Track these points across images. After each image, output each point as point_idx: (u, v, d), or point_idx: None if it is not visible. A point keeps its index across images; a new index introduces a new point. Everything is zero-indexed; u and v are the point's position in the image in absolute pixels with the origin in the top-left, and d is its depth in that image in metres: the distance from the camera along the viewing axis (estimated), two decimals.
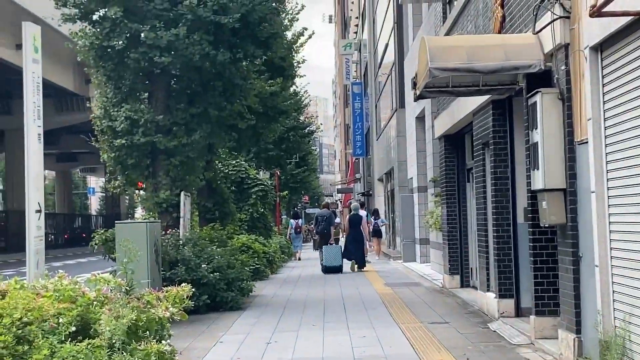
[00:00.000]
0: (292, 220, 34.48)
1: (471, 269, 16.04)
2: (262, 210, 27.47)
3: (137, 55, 14.17)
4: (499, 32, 10.28)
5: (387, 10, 32.72)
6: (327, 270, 22.51)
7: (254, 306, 14.69)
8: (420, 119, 24.61)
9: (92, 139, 15.56)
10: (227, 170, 26.47)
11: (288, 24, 20.21)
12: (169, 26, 14.02)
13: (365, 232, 24.27)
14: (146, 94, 15.56)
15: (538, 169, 8.17)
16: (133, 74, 14.73)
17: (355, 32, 61.04)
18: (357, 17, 60.00)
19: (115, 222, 12.88)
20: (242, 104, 16.02)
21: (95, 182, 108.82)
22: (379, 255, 30.76)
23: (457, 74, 8.40)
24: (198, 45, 14.04)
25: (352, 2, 65.30)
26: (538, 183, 8.24)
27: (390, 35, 31.78)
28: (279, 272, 24.10)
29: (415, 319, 11.95)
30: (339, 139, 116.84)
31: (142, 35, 14.05)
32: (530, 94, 8.38)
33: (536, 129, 8.15)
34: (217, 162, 21.22)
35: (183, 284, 7.84)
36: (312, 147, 49.71)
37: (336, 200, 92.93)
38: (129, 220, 14.89)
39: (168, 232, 14.58)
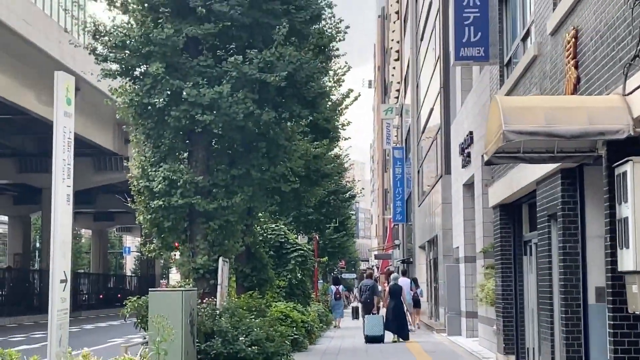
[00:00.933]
0: (332, 287, 33.48)
1: (528, 349, 14.90)
2: (301, 276, 26.50)
3: (178, 113, 13.49)
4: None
5: (432, 74, 32.05)
6: (369, 339, 22.16)
7: None
8: (468, 186, 23.62)
9: (129, 199, 14.80)
10: (266, 234, 25.62)
11: (334, 85, 19.50)
12: (212, 83, 13.36)
13: (405, 303, 23.92)
14: (186, 154, 14.84)
15: (627, 247, 7.18)
16: (173, 133, 14.05)
17: (396, 97, 60.54)
18: (398, 82, 59.54)
19: (149, 290, 12.02)
20: (285, 166, 15.22)
21: (131, 242, 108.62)
22: (417, 325, 29.55)
23: (534, 139, 7.48)
24: (242, 103, 13.34)
25: (394, 68, 64.98)
26: (627, 264, 7.24)
27: (435, 100, 31.04)
28: (318, 343, 23.02)
29: None
30: (375, 203, 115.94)
31: (184, 92, 13.40)
32: (618, 163, 7.43)
33: (625, 202, 7.18)
34: (256, 226, 20.36)
35: None
36: (351, 212, 48.80)
37: (373, 266, 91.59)
38: (164, 289, 14.04)
39: (204, 300, 13.69)
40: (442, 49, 28.36)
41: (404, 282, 29.87)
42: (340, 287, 34.32)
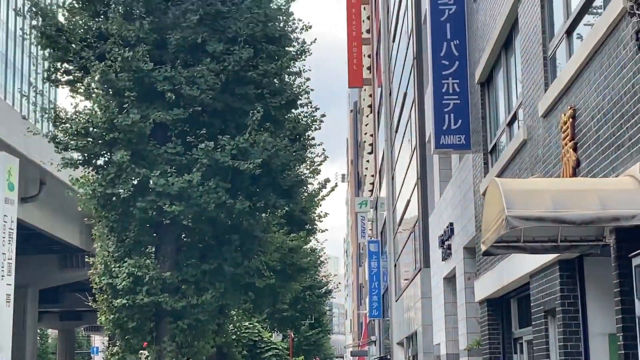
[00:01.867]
0: None
1: None
2: None
3: (144, 204, 12.62)
4: None
5: (408, 166, 31.47)
6: None
7: None
8: (449, 279, 22.71)
9: (90, 298, 13.76)
10: (239, 333, 24.48)
11: (310, 174, 18.75)
12: (182, 172, 12.56)
13: None
14: (153, 248, 13.87)
15: None
16: (139, 225, 13.14)
17: (371, 190, 60.04)
18: (372, 175, 59.10)
19: None
20: (260, 260, 14.29)
21: (100, 341, 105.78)
22: None
23: (540, 225, 6.66)
24: (213, 193, 12.51)
25: (367, 161, 64.68)
26: None
27: (412, 191, 30.36)
28: None
29: None
30: (350, 298, 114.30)
31: (151, 181, 12.57)
32: (635, 253, 6.62)
33: None
34: (229, 324, 19.28)
35: None
36: (327, 308, 47.58)
37: None
38: None
39: None
40: (418, 139, 27.82)
41: None
42: None
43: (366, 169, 66.78)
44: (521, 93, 11.66)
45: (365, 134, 65.49)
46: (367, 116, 62.09)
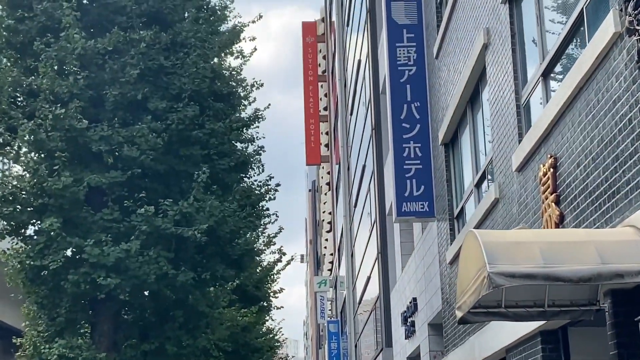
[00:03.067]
0: None
1: None
2: None
3: (76, 276, 11.32)
4: None
5: (368, 241, 30.42)
6: None
7: None
8: (414, 358, 21.45)
9: None
10: None
11: (264, 247, 17.59)
12: (119, 241, 11.29)
13: None
14: (88, 327, 12.52)
15: None
16: (71, 301, 11.83)
17: (330, 270, 58.81)
18: (331, 254, 57.92)
19: None
20: (208, 339, 12.97)
21: None
22: None
23: (529, 283, 5.57)
24: (154, 263, 11.29)
25: (326, 240, 63.59)
26: None
27: (373, 267, 29.24)
28: None
29: None
30: None
31: (85, 252, 11.25)
32: None
33: None
34: None
35: None
36: None
37: None
38: None
39: None
40: (378, 212, 26.86)
41: None
42: None
43: (325, 247, 65.58)
44: (491, 149, 10.71)
45: (324, 212, 64.56)
46: (325, 194, 61.25)
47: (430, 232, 16.72)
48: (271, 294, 18.51)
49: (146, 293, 12.07)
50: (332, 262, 58.14)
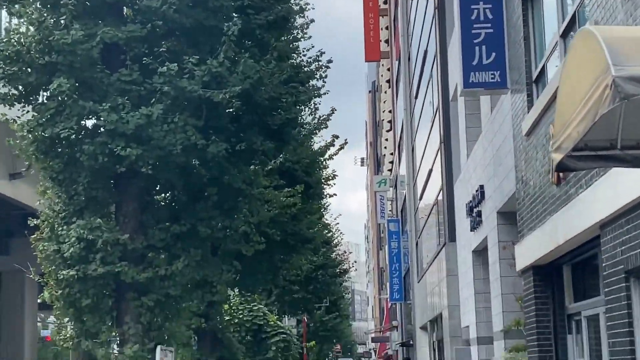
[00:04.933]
0: None
1: None
2: None
3: (92, 147, 9.77)
4: None
5: (430, 131, 28.55)
6: None
7: None
8: (479, 252, 19.80)
9: (32, 269, 10.99)
10: (240, 316, 21.70)
11: (316, 128, 15.90)
12: (139, 105, 9.63)
13: None
14: (112, 207, 11.06)
15: None
16: (89, 177, 10.30)
17: (390, 170, 57.20)
18: (391, 154, 56.22)
19: None
20: (247, 221, 11.45)
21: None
22: None
23: None
24: (181, 132, 9.67)
25: (386, 140, 61.81)
26: None
27: (435, 158, 27.43)
28: None
29: None
30: (371, 284, 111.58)
31: (101, 118, 9.66)
32: None
33: None
34: (224, 305, 16.47)
35: None
36: (344, 292, 44.70)
37: (370, 349, 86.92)
38: None
39: None
40: (441, 99, 24.94)
41: None
42: None
43: (385, 147, 63.89)
44: None
45: (384, 111, 62.61)
46: (385, 92, 59.21)
47: (501, 108, 14.83)
48: (323, 181, 16.87)
49: (175, 170, 10.51)
50: (392, 162, 56.44)
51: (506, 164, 15.17)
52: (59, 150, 10.23)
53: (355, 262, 60.18)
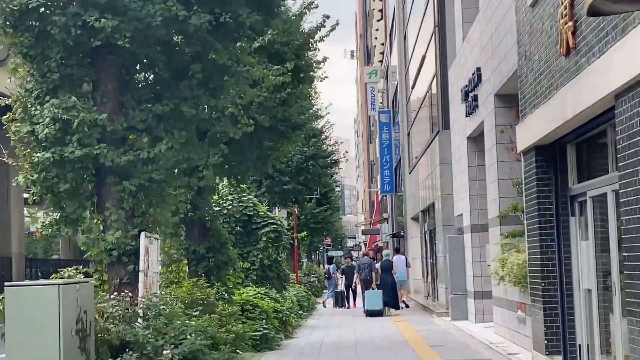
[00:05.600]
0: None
1: (580, 346, 10.63)
2: (275, 255, 22.14)
3: (64, 18, 9.01)
4: None
5: (424, 14, 27.62)
6: (370, 314, 23.83)
7: None
8: (474, 139, 19.30)
9: (5, 152, 10.37)
10: (230, 206, 21.25)
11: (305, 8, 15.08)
12: None
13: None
14: (90, 86, 10.37)
15: None
16: (63, 52, 9.58)
17: (380, 61, 56.19)
18: (382, 44, 55.11)
19: (5, 285, 7.65)
20: (235, 103, 10.80)
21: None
22: (404, 302, 27.54)
23: None
24: (160, 2, 8.88)
25: (377, 30, 60.51)
26: None
27: (429, 43, 26.60)
28: (295, 336, 18.70)
29: None
30: (361, 179, 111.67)
31: None
32: None
33: None
34: (213, 195, 15.95)
35: None
36: (335, 184, 44.38)
37: (359, 242, 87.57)
38: (31, 283, 9.58)
39: (116, 295, 9.39)
40: None
41: (399, 259, 27.91)
42: (332, 267, 32.74)
43: (375, 38, 62.66)
44: None
45: (374, 0, 61.21)
46: None
47: None
48: (313, 64, 16.11)
49: (156, 45, 9.78)
50: (382, 53, 55.42)
51: (506, 43, 14.46)
52: (29, 23, 9.47)
53: (347, 152, 59.66)
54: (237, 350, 10.47)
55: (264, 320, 16.36)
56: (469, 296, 20.12)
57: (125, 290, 9.61)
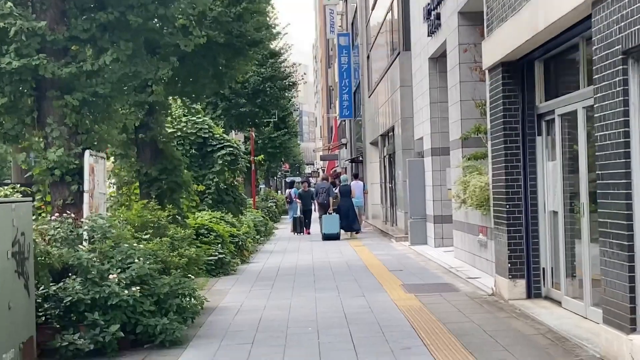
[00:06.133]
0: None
1: (544, 269, 10.35)
2: (231, 179, 21.61)
3: None
4: None
5: None
6: (326, 237, 23.92)
7: (203, 337, 8.91)
8: (436, 59, 18.78)
9: None
10: (184, 128, 20.61)
11: None
12: None
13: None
14: None
15: None
16: None
17: None
18: None
19: None
20: (185, 12, 10.10)
21: None
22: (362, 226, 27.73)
23: None
24: None
25: None
26: None
27: None
28: (252, 261, 18.35)
29: None
30: (320, 105, 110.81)
31: None
32: None
33: None
34: (165, 116, 15.29)
35: None
36: (293, 107, 43.73)
37: (318, 169, 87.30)
38: None
39: (57, 216, 8.83)
40: None
41: (357, 185, 27.88)
42: (293, 190, 32.59)
43: None
44: None
45: None
46: None
47: None
48: None
49: None
50: None
51: None
52: None
53: (305, 74, 58.87)
54: (190, 275, 9.98)
55: (219, 245, 15.94)
56: (429, 220, 19.87)
57: (68, 211, 9.04)
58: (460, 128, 15.49)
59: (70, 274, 8.25)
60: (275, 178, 60.42)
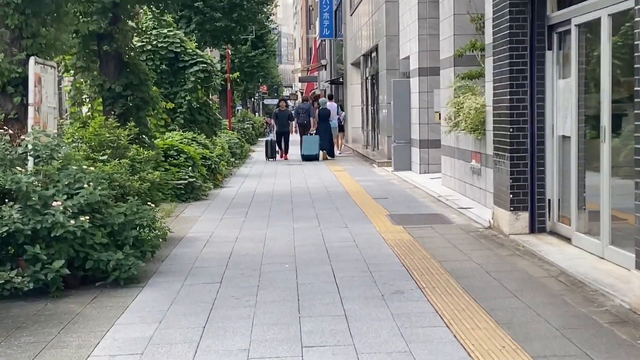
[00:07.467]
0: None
1: (549, 201, 9.25)
2: (205, 97, 20.28)
3: None
4: None
5: None
6: (306, 158, 24.08)
7: (164, 274, 7.76)
8: None
9: None
10: (154, 42, 19.18)
11: None
12: None
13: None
14: None
15: None
16: None
17: None
18: None
19: None
20: None
21: None
22: (340, 149, 28.27)
23: None
24: None
25: None
26: None
27: None
28: (225, 185, 17.19)
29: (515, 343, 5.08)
30: (299, 26, 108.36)
31: None
32: None
33: None
34: (129, 22, 13.88)
35: None
36: (271, 25, 42.05)
37: (296, 91, 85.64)
38: None
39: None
40: None
41: (331, 106, 27.13)
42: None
43: None
44: None
45: None
46: None
47: None
48: None
49: None
50: None
51: None
52: None
53: None
54: (150, 203, 8.78)
55: (190, 168, 14.73)
56: (414, 145, 18.74)
57: (5, 127, 7.78)
58: (452, 45, 14.23)
59: (7, 200, 7.04)
60: (252, 99, 58.90)
